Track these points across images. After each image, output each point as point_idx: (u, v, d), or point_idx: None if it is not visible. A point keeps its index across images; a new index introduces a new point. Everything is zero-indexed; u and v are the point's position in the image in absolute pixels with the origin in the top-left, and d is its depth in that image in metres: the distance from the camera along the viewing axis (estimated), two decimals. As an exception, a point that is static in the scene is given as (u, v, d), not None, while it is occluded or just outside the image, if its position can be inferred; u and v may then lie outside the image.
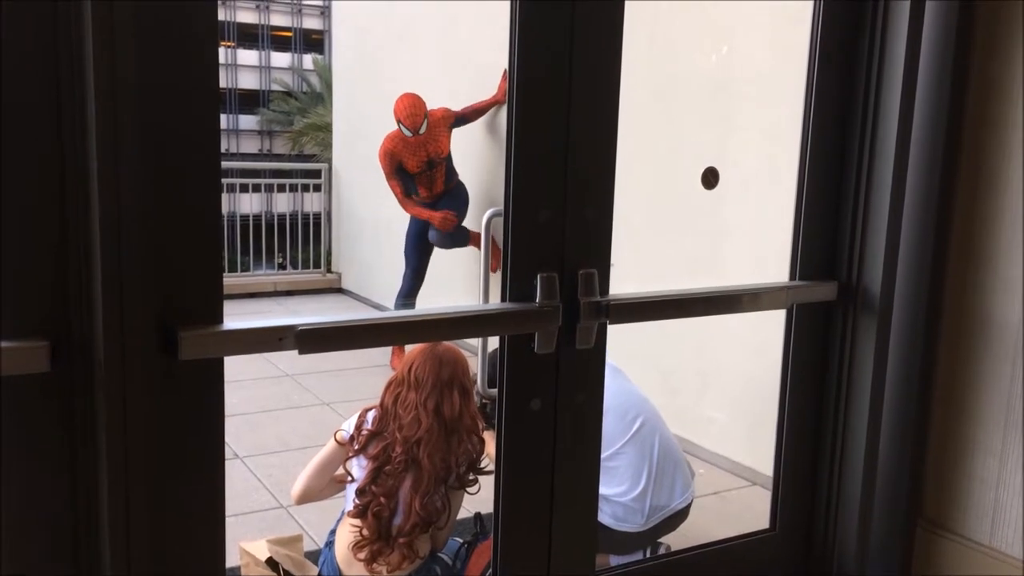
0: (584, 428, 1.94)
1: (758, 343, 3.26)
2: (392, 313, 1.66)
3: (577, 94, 1.79)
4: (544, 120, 1.77)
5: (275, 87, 21.03)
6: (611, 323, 1.87)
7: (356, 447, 2.24)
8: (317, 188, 8.07)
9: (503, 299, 1.82)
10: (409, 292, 5.45)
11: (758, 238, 3.36)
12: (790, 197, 2.22)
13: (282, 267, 9.40)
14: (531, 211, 1.80)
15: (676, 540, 2.54)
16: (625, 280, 1.89)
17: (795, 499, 2.29)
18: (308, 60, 21.28)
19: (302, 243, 8.29)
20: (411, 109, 5.11)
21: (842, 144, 2.18)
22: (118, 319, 1.37)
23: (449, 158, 5.43)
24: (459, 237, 5.37)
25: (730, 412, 3.51)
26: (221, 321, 1.51)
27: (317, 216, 8.03)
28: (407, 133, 5.14)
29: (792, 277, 2.21)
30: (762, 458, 3.28)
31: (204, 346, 1.48)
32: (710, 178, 2.31)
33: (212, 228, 1.50)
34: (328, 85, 14.49)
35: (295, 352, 1.53)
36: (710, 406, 3.60)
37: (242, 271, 7.74)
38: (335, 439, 2.29)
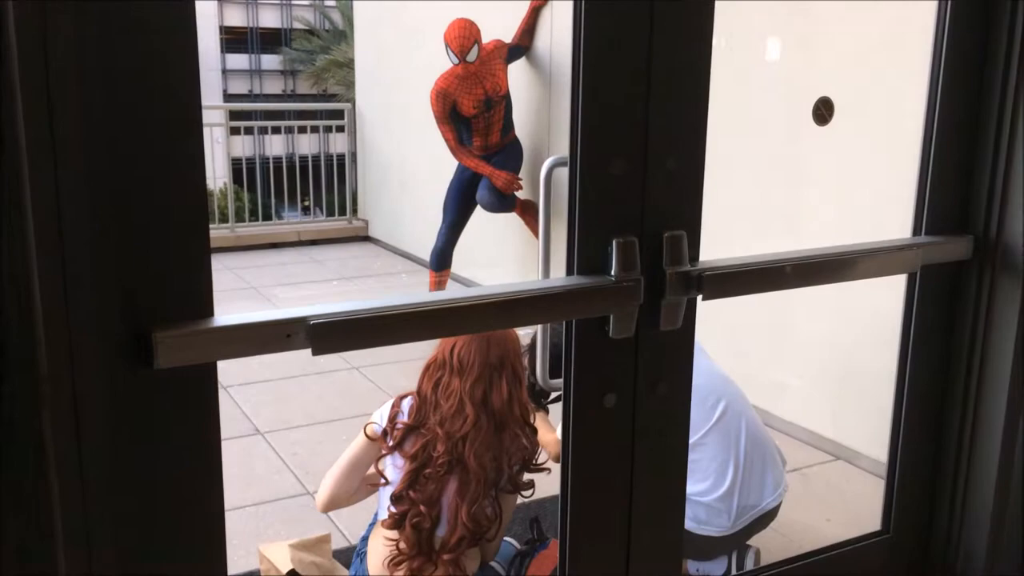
0: (669, 426, 1.58)
1: (841, 299, 2.86)
2: (430, 297, 1.32)
3: (661, 10, 1.38)
4: (620, 45, 1.38)
5: (297, 25, 20.50)
6: (704, 298, 1.49)
7: (390, 443, 1.89)
8: (340, 129, 7.67)
9: (569, 271, 1.45)
10: (444, 249, 5.04)
11: (844, 189, 2.93)
12: (886, 136, 1.80)
13: (307, 210, 9.09)
14: (603, 160, 1.42)
15: (764, 536, 2.19)
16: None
17: (913, 495, 1.93)
18: (329, -4, 20.67)
19: (326, 186, 7.92)
20: (461, 32, 4.64)
21: (980, 67, 1.76)
22: (62, 317, 1.01)
23: (508, 101, 4.96)
24: (508, 201, 4.94)
25: (809, 377, 3.12)
26: (210, 314, 1.16)
27: (341, 157, 7.64)
28: (453, 59, 4.67)
29: (916, 232, 1.81)
30: (846, 429, 2.91)
31: (188, 350, 1.12)
32: (823, 111, 1.88)
33: (194, 194, 1.13)
34: (351, 22, 14.03)
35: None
36: (784, 370, 3.21)
37: (264, 219, 7.40)
38: (365, 433, 1.94)
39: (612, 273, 1.42)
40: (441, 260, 5.08)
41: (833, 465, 2.93)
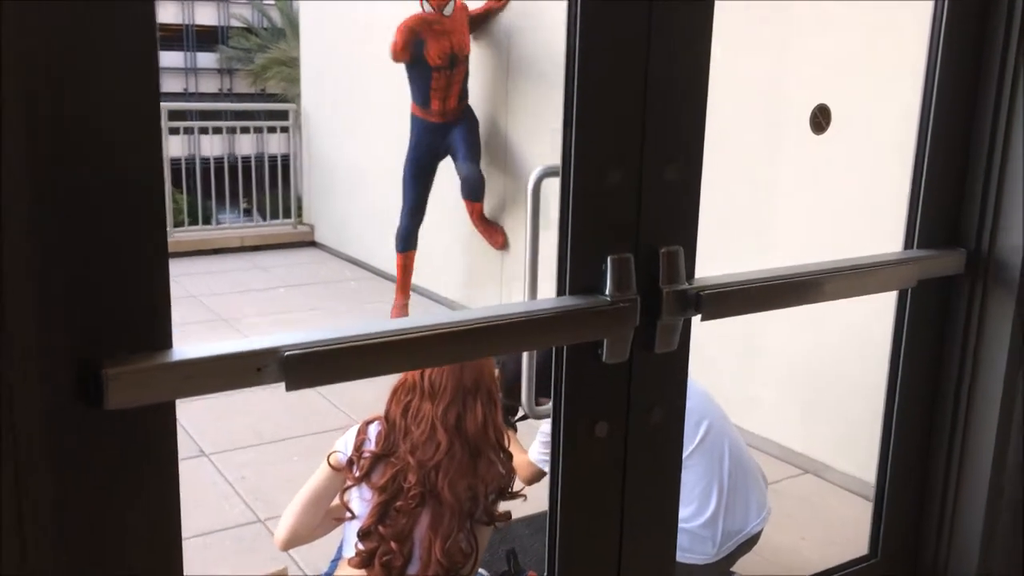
0: (663, 453, 1.49)
1: (811, 311, 2.80)
2: (415, 324, 1.19)
3: (659, 15, 1.29)
4: (617, 50, 1.28)
5: (234, 23, 20.06)
6: (703, 319, 1.40)
7: (357, 474, 1.76)
8: (284, 130, 7.45)
9: (560, 291, 1.34)
10: (408, 229, 4.96)
11: (815, 201, 2.87)
12: (860, 146, 1.74)
13: (248, 212, 8.84)
14: (598, 171, 1.31)
15: (749, 561, 2.11)
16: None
17: (901, 519, 1.87)
18: (268, -6, 20.25)
19: (270, 188, 7.68)
20: None
21: (974, 78, 1.70)
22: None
23: (467, 67, 4.86)
24: (481, 182, 4.87)
25: (779, 390, 3.07)
26: (169, 345, 1.02)
27: (285, 158, 7.42)
28: (428, 9, 4.55)
29: (908, 246, 1.75)
30: (814, 442, 2.86)
31: (144, 388, 0.99)
32: (820, 119, 1.80)
33: (152, 203, 1.00)
34: (290, 20, 13.79)
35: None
36: (755, 383, 3.15)
37: (204, 222, 7.12)
38: (329, 463, 1.81)
39: (607, 293, 1.32)
40: (407, 241, 5.01)
41: (803, 479, 2.88)
